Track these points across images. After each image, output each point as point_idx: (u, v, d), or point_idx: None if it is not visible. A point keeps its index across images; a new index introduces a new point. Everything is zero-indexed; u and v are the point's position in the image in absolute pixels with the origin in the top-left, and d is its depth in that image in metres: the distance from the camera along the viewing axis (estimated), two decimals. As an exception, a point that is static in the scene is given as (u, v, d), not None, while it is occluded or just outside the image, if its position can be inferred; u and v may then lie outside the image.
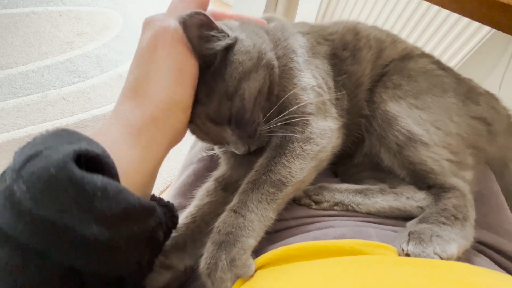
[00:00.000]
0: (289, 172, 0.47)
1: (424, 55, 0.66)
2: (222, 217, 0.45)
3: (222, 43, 0.45)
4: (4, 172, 0.31)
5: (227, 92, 0.47)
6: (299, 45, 0.58)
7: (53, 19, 2.09)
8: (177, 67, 0.42)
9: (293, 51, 0.56)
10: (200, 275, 0.42)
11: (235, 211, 0.44)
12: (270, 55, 0.52)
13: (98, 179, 0.30)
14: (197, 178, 0.65)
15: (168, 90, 0.42)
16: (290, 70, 0.54)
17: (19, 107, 1.61)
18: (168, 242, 0.50)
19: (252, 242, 0.42)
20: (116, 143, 0.37)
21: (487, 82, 1.35)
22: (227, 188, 0.56)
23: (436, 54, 0.69)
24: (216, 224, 0.45)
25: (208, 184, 0.58)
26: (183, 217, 0.54)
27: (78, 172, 0.28)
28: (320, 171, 0.52)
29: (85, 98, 1.75)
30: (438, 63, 0.64)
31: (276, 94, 0.52)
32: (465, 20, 1.29)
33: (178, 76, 0.43)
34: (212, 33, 0.44)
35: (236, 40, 0.49)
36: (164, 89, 0.41)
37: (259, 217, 0.44)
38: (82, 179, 0.28)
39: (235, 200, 0.46)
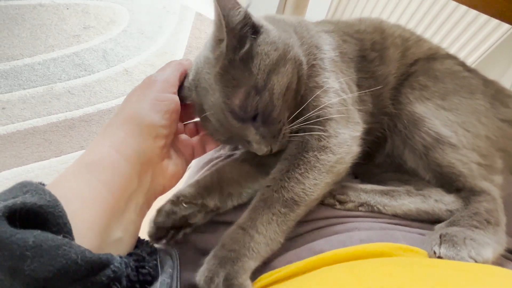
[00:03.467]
0: (303, 189, 0.45)
1: (449, 56, 0.64)
2: (230, 231, 0.44)
3: (249, 19, 0.46)
4: None
5: (256, 86, 0.46)
6: (325, 43, 0.57)
7: (60, 12, 2.07)
8: (154, 101, 0.43)
9: (317, 47, 0.55)
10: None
11: (243, 229, 0.43)
12: (298, 51, 0.50)
13: (32, 235, 0.26)
14: None
15: (131, 108, 0.42)
16: (313, 68, 0.53)
17: (24, 99, 1.59)
18: (198, 187, 0.51)
19: (253, 264, 0.41)
20: (71, 181, 0.35)
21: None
22: (245, 161, 0.56)
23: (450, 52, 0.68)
24: (222, 237, 0.43)
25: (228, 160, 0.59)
26: (208, 171, 0.55)
27: (5, 231, 0.26)
28: (335, 184, 0.50)
29: (91, 92, 1.73)
30: (463, 65, 0.63)
31: (302, 94, 0.51)
32: (483, 18, 1.27)
33: (154, 104, 0.43)
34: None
35: (262, 28, 0.48)
36: (131, 108, 0.42)
37: (267, 240, 0.42)
38: (9, 238, 0.25)
39: (245, 217, 0.44)
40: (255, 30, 0.48)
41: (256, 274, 0.42)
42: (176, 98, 0.46)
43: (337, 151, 0.48)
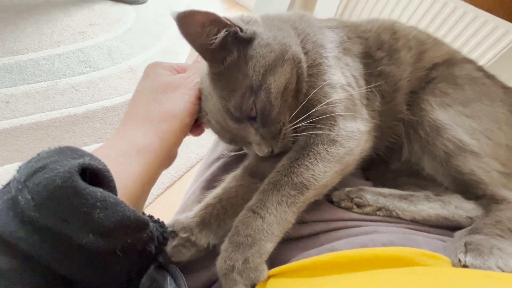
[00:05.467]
0: (312, 175, 0.45)
1: (466, 60, 0.64)
2: (241, 216, 0.44)
3: (221, 34, 0.46)
4: (8, 183, 0.33)
5: (251, 87, 0.46)
6: (328, 40, 0.56)
7: (66, 8, 2.07)
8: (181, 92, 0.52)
9: (322, 46, 0.54)
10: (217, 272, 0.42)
11: (254, 211, 0.43)
12: (296, 49, 0.50)
13: (98, 191, 0.31)
14: (226, 170, 0.62)
15: (172, 105, 0.50)
16: (319, 66, 0.52)
17: (28, 94, 1.58)
18: (195, 220, 0.49)
19: (269, 246, 0.41)
20: (121, 158, 0.42)
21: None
22: (254, 175, 0.55)
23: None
24: (235, 223, 0.43)
25: (236, 171, 0.57)
26: (210, 197, 0.53)
27: (81, 183, 0.30)
28: (345, 175, 0.50)
29: (95, 88, 1.72)
30: (483, 70, 0.62)
31: (305, 92, 0.51)
32: (492, 24, 1.27)
33: (189, 107, 0.52)
34: (217, 29, 0.45)
35: (255, 35, 0.48)
36: (172, 105, 0.50)
37: (278, 220, 0.42)
38: (84, 189, 0.30)
39: (254, 200, 0.45)
40: (245, 40, 0.48)
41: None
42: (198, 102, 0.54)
43: (346, 144, 0.48)
